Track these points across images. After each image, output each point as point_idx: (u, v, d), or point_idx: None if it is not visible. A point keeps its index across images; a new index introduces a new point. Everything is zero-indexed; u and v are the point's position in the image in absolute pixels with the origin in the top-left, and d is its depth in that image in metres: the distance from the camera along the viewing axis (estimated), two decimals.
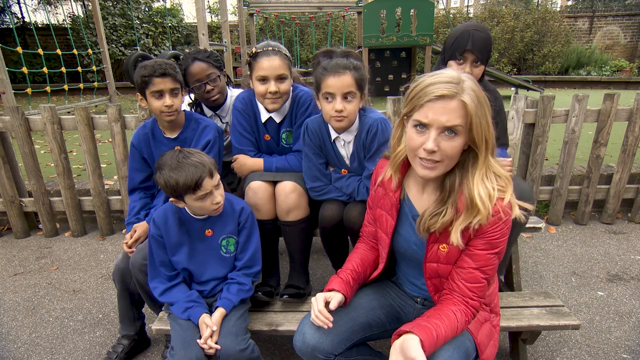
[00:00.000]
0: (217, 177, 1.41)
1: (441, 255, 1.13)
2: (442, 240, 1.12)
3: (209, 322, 1.37)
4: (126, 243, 1.66)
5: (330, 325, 1.17)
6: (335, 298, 1.21)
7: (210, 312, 1.44)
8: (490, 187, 1.03)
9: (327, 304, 1.21)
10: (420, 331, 0.99)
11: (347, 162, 1.67)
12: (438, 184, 1.13)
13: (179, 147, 1.43)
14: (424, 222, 1.09)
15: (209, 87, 1.93)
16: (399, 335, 1.02)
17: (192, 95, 2.03)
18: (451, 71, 1.01)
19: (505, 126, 1.93)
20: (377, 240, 1.36)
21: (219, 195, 1.41)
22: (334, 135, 1.62)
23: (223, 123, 2.10)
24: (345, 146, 1.65)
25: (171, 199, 1.42)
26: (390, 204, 1.22)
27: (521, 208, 1.06)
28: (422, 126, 1.00)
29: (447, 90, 0.96)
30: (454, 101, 0.96)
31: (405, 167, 1.19)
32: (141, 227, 1.70)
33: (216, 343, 1.35)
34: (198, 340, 1.35)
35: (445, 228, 1.09)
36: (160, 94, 1.64)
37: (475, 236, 1.07)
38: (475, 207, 1.02)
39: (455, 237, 1.04)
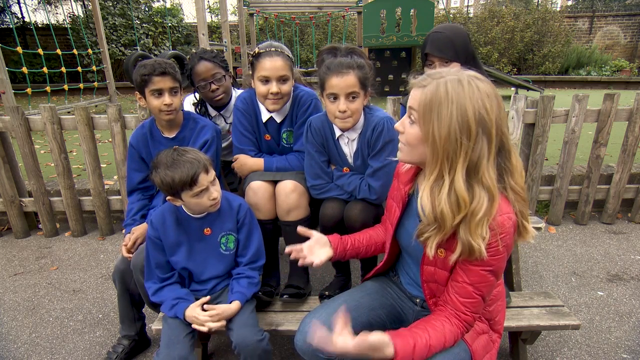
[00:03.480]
0: (212, 172, 1.41)
1: (438, 260, 1.11)
2: (441, 245, 1.10)
3: (198, 304, 1.40)
4: (125, 245, 1.65)
5: (307, 260, 1.27)
6: (324, 252, 1.31)
7: (204, 304, 1.44)
8: (452, 201, 0.96)
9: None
10: (396, 338, 0.99)
11: (350, 160, 1.68)
12: None
13: (176, 147, 1.44)
14: (419, 231, 1.08)
15: (214, 87, 1.94)
16: None
17: (197, 95, 2.03)
18: (455, 68, 1.01)
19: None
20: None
21: (215, 191, 1.42)
22: (338, 132, 1.63)
23: (227, 123, 2.11)
24: (348, 144, 1.65)
25: (168, 198, 1.42)
26: (400, 196, 1.23)
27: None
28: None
29: (419, 82, 0.99)
30: (419, 90, 0.98)
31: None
32: (139, 229, 1.70)
33: (233, 334, 1.37)
34: (194, 326, 1.37)
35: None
36: (159, 93, 1.64)
37: None
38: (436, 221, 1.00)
39: (430, 250, 1.03)
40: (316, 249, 1.32)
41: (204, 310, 1.41)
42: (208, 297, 1.46)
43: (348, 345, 0.94)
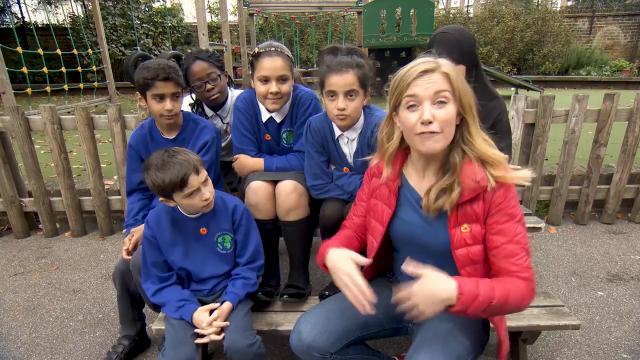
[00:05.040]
0: (203, 173, 1.41)
1: (466, 237, 1.10)
2: (461, 222, 1.10)
3: (207, 308, 1.40)
4: (127, 249, 1.65)
5: (369, 307, 1.08)
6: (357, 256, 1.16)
7: (212, 310, 1.44)
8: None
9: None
10: (460, 279, 0.99)
11: (350, 160, 1.68)
12: (438, 167, 1.14)
13: (168, 148, 1.44)
14: (430, 199, 1.10)
15: (209, 86, 1.94)
16: None
17: (194, 95, 2.03)
18: (426, 56, 1.10)
19: (510, 140, 1.85)
20: (361, 233, 1.36)
21: (208, 192, 1.41)
22: (337, 132, 1.63)
23: (224, 123, 2.11)
24: (348, 144, 1.65)
25: (160, 199, 1.42)
26: (387, 192, 1.22)
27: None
28: (413, 104, 1.06)
29: (428, 66, 1.05)
30: (436, 73, 1.05)
31: (402, 158, 1.21)
32: (138, 230, 1.69)
33: (224, 338, 1.36)
34: (197, 331, 1.36)
35: (462, 209, 1.09)
36: (161, 98, 1.64)
37: (491, 214, 1.08)
38: (496, 161, 1.07)
39: (506, 175, 1.07)
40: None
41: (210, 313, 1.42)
42: (217, 305, 1.44)
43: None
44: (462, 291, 0.96)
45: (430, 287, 0.98)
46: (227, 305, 1.43)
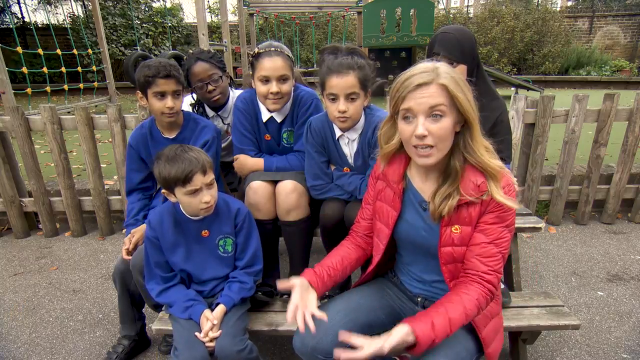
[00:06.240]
0: (210, 175, 1.40)
1: (455, 238, 1.13)
2: (454, 222, 1.13)
3: (210, 316, 1.39)
4: (127, 249, 1.65)
5: (309, 317, 1.13)
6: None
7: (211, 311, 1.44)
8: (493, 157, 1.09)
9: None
10: (413, 322, 1.00)
11: (350, 160, 1.68)
12: (440, 171, 1.15)
13: (183, 144, 1.45)
14: (436, 205, 1.11)
15: (210, 87, 1.94)
16: None
17: (195, 96, 2.03)
18: (426, 62, 1.07)
19: (510, 141, 1.88)
20: (370, 236, 1.36)
21: (209, 195, 1.39)
22: (338, 133, 1.62)
23: (225, 124, 2.10)
24: (349, 144, 1.65)
25: (163, 191, 1.43)
26: (392, 195, 1.23)
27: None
28: (409, 116, 1.06)
29: (424, 78, 1.03)
30: (433, 86, 1.02)
31: (406, 160, 1.22)
32: (139, 231, 1.69)
33: (214, 342, 1.36)
34: (197, 334, 1.36)
35: (457, 211, 1.11)
36: (162, 95, 1.64)
37: (485, 212, 1.11)
38: (496, 172, 1.08)
39: (499, 196, 1.07)
40: (305, 296, 1.21)
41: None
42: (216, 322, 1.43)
43: (383, 349, 0.96)
44: (420, 341, 0.97)
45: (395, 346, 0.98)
46: (221, 309, 1.42)
